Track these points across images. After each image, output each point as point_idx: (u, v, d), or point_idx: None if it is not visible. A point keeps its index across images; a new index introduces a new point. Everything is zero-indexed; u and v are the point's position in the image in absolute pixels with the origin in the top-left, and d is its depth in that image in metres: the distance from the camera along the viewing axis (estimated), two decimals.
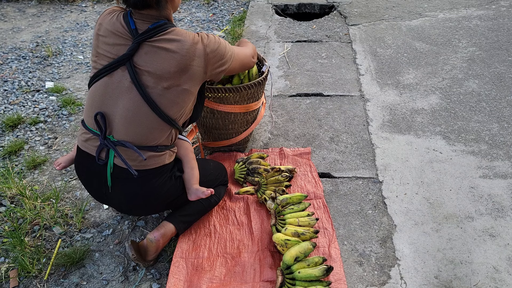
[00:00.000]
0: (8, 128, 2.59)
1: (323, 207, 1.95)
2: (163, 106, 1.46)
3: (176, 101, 1.49)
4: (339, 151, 2.34)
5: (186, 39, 1.45)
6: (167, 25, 1.46)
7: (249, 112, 2.17)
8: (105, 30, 1.47)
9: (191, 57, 1.45)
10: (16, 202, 2.06)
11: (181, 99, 1.50)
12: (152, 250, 1.67)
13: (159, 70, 1.43)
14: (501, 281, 1.63)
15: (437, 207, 1.97)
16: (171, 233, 1.72)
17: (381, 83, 2.95)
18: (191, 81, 1.49)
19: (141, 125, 1.46)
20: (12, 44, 3.73)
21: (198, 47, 1.47)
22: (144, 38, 1.42)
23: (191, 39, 1.46)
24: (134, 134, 1.46)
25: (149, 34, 1.42)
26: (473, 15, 3.91)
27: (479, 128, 2.48)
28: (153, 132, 1.49)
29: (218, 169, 1.91)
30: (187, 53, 1.44)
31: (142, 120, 1.46)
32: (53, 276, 1.70)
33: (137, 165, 1.50)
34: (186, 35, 1.46)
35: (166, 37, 1.43)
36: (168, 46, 1.43)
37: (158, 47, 1.42)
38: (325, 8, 4.22)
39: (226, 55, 1.58)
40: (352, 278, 1.66)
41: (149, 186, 1.56)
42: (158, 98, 1.45)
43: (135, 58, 1.43)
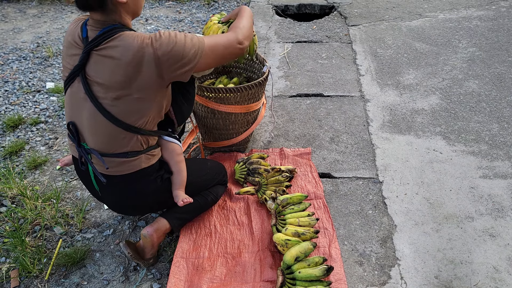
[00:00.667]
0: (9, 128, 2.60)
1: (324, 207, 1.96)
2: (119, 115, 1.39)
3: (132, 110, 1.39)
4: (339, 151, 2.34)
5: (132, 44, 1.31)
6: (116, 29, 1.34)
7: (250, 113, 2.17)
8: (66, 41, 1.43)
9: (139, 63, 1.32)
10: (17, 202, 2.06)
11: (138, 108, 1.40)
12: (148, 246, 1.68)
13: (107, 81, 1.34)
14: (501, 281, 1.63)
15: (437, 207, 1.97)
16: (165, 228, 1.70)
17: (381, 83, 2.96)
18: (144, 89, 1.37)
19: (102, 134, 1.43)
20: (12, 44, 3.74)
21: (146, 51, 1.31)
22: (92, 46, 1.33)
23: (137, 44, 1.31)
24: (99, 143, 1.45)
25: (96, 42, 1.33)
26: (473, 16, 3.92)
27: (479, 129, 2.48)
28: (116, 140, 1.44)
29: (215, 169, 1.90)
30: (133, 59, 1.31)
31: (102, 130, 1.42)
32: (54, 276, 1.71)
33: (114, 171, 1.51)
34: (132, 39, 1.32)
35: (112, 43, 1.32)
36: (113, 54, 1.32)
37: (104, 55, 1.33)
38: (325, 9, 4.22)
39: (187, 54, 1.38)
40: (352, 278, 1.66)
41: (131, 190, 1.57)
42: (112, 109, 1.37)
43: (87, 68, 1.36)
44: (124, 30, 1.35)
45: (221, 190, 1.95)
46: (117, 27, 1.35)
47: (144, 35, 1.34)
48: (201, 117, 2.17)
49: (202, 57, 1.42)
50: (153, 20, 4.19)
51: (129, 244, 1.65)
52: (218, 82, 2.42)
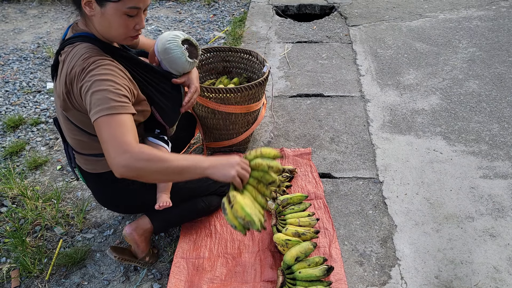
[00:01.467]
0: (10, 128, 2.60)
1: (324, 207, 1.96)
2: (77, 122, 1.35)
3: (84, 121, 1.33)
4: (339, 151, 2.34)
5: (71, 61, 1.24)
6: (80, 38, 1.28)
7: (250, 113, 2.17)
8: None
9: (72, 79, 1.24)
10: (18, 202, 2.06)
11: (83, 123, 1.34)
12: (133, 245, 1.68)
13: (57, 88, 1.31)
14: (502, 281, 1.63)
15: (437, 207, 1.97)
16: (146, 227, 1.67)
17: (381, 83, 2.96)
18: (79, 106, 1.29)
19: (71, 136, 1.43)
20: (13, 45, 3.74)
21: (78, 72, 1.22)
22: (60, 48, 1.31)
23: (81, 61, 1.22)
24: (72, 141, 1.46)
25: (62, 45, 1.31)
26: (474, 16, 3.92)
27: (479, 129, 2.48)
28: (85, 143, 1.42)
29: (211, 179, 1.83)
30: (70, 73, 1.24)
31: (70, 132, 1.42)
32: (54, 276, 1.71)
33: (90, 169, 1.53)
34: (76, 57, 1.23)
35: (66, 52, 1.28)
36: (63, 63, 1.27)
37: (61, 60, 1.29)
38: (325, 9, 4.23)
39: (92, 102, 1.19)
40: (352, 278, 1.66)
41: (108, 190, 1.58)
42: (68, 115, 1.34)
43: (58, 69, 1.32)
44: (86, 42, 1.27)
45: (215, 200, 1.85)
46: (84, 36, 1.29)
47: (91, 56, 1.22)
48: (201, 117, 2.17)
49: (103, 121, 1.17)
50: (153, 21, 4.19)
51: (116, 248, 1.65)
52: (219, 82, 2.43)
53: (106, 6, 1.21)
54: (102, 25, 1.26)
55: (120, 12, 1.22)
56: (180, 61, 1.54)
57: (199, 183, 1.77)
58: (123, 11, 1.22)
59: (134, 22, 1.27)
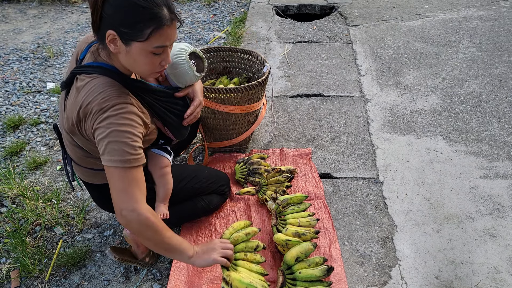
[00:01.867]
0: (10, 129, 2.60)
1: (324, 208, 1.96)
2: (80, 144, 1.36)
3: (88, 147, 1.36)
4: (339, 151, 2.34)
5: (91, 94, 1.22)
6: (96, 69, 1.26)
7: (250, 113, 2.17)
8: (75, 51, 1.42)
9: (86, 113, 1.23)
10: (18, 202, 2.06)
11: (93, 148, 1.33)
12: (133, 246, 1.68)
13: (68, 111, 1.30)
14: (502, 281, 1.63)
15: (437, 207, 1.97)
16: None
17: (381, 83, 2.96)
18: (86, 138, 1.31)
19: (73, 152, 1.44)
20: (13, 45, 3.74)
21: (95, 110, 1.21)
22: (77, 71, 1.29)
23: (99, 98, 1.21)
24: (72, 154, 1.47)
25: (80, 70, 1.28)
26: (474, 16, 3.92)
27: (479, 129, 2.48)
28: (86, 160, 1.44)
29: (212, 178, 1.83)
30: (85, 107, 1.23)
31: (72, 149, 1.43)
32: (54, 277, 1.71)
33: (88, 179, 1.54)
34: (96, 91, 1.22)
35: (84, 81, 1.26)
36: (79, 90, 1.26)
37: (77, 87, 1.27)
38: (325, 9, 4.23)
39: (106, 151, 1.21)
40: (352, 278, 1.66)
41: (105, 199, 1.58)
42: (73, 136, 1.35)
43: (71, 89, 1.31)
44: (106, 76, 1.25)
45: (215, 199, 1.86)
46: (104, 68, 1.26)
47: (111, 96, 1.21)
48: (202, 117, 2.17)
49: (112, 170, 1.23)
50: None
51: (116, 249, 1.65)
52: (219, 82, 2.43)
53: (132, 45, 1.19)
54: (127, 62, 1.25)
55: (146, 51, 1.21)
56: (187, 76, 1.55)
57: (199, 184, 1.77)
58: (149, 50, 1.21)
59: (160, 59, 1.26)
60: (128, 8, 1.15)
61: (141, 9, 1.15)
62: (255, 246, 1.62)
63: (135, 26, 1.16)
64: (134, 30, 1.17)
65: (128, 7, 1.15)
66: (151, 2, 1.16)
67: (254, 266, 1.56)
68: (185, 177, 1.74)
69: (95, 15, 1.17)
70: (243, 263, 1.54)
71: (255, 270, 1.55)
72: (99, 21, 1.18)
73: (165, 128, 1.53)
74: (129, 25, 1.16)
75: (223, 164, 2.25)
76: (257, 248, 1.63)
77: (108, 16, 1.16)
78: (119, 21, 1.16)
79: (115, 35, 1.18)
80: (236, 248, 1.60)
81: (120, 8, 1.15)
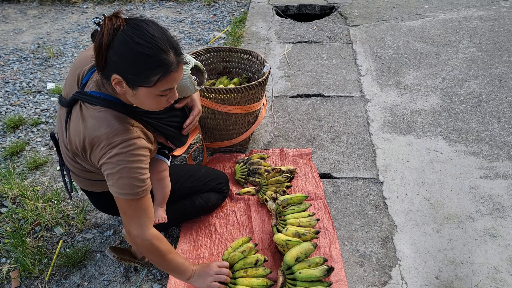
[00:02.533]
0: (10, 129, 2.60)
1: (324, 208, 1.96)
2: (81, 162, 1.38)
3: (89, 169, 1.39)
4: (339, 151, 2.34)
5: (97, 129, 1.23)
6: (102, 102, 1.25)
7: (250, 113, 2.17)
8: (74, 66, 1.39)
9: (92, 145, 1.25)
10: (18, 203, 2.06)
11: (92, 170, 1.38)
12: (133, 245, 1.69)
13: (71, 136, 1.30)
14: (502, 282, 1.63)
15: (437, 207, 1.97)
16: None
17: (381, 83, 2.96)
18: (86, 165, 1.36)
19: (71, 163, 1.44)
20: (13, 45, 3.74)
21: (97, 149, 1.24)
22: (80, 98, 1.27)
23: (107, 131, 1.22)
24: (69, 166, 1.47)
25: (84, 98, 1.26)
26: (474, 16, 3.92)
27: (479, 129, 2.48)
28: (84, 172, 1.44)
29: (209, 176, 1.84)
30: (88, 142, 1.24)
31: (71, 163, 1.44)
32: (54, 277, 1.71)
33: (85, 187, 1.56)
34: (102, 127, 1.22)
35: (90, 111, 1.25)
36: (84, 119, 1.25)
37: (83, 115, 1.26)
38: (325, 9, 4.23)
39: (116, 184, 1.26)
40: (353, 278, 1.66)
41: (103, 205, 1.64)
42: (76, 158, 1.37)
43: (73, 110, 1.31)
44: (112, 108, 1.25)
45: (213, 196, 1.86)
46: (109, 101, 1.25)
47: (120, 131, 1.22)
48: (202, 117, 2.17)
49: (121, 201, 1.29)
50: None
51: (115, 248, 1.66)
52: (219, 82, 2.43)
53: (139, 89, 1.18)
54: (134, 101, 1.26)
55: (153, 95, 1.21)
56: (188, 90, 1.56)
57: (195, 182, 1.79)
58: (157, 93, 1.21)
59: (166, 98, 1.26)
60: (133, 57, 1.12)
61: (147, 58, 1.12)
62: (255, 261, 1.62)
63: (141, 74, 1.14)
64: (140, 77, 1.15)
65: (133, 56, 1.12)
66: (157, 49, 1.13)
67: (255, 280, 1.57)
68: (182, 176, 1.75)
69: (99, 58, 1.14)
70: (242, 281, 1.57)
71: (256, 284, 1.56)
72: (104, 63, 1.15)
73: (167, 141, 1.54)
74: (135, 73, 1.14)
75: (223, 164, 2.25)
76: (257, 263, 1.62)
77: (113, 62, 1.14)
78: (124, 68, 1.14)
79: (121, 79, 1.16)
80: (235, 267, 1.62)
81: (124, 56, 1.13)
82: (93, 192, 1.58)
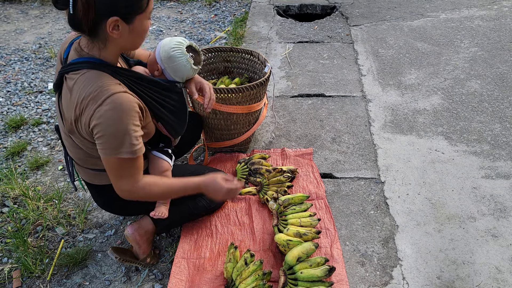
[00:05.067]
0: (11, 129, 2.60)
1: (325, 208, 1.95)
2: (80, 144, 1.36)
3: (87, 146, 1.35)
4: (341, 151, 2.34)
5: (84, 89, 1.22)
6: (87, 64, 1.25)
7: (251, 113, 2.17)
8: (59, 52, 1.41)
9: (82, 109, 1.23)
10: (19, 202, 2.07)
11: (91, 146, 1.33)
12: (135, 246, 1.68)
13: (64, 112, 1.31)
14: (504, 282, 1.63)
15: (439, 207, 1.97)
16: (148, 228, 1.68)
17: (383, 83, 2.95)
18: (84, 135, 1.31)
19: (74, 152, 1.44)
20: (15, 45, 3.75)
21: (87, 108, 1.22)
22: (64, 71, 1.29)
23: (88, 92, 1.21)
24: (73, 155, 1.47)
25: (67, 69, 1.27)
26: (475, 16, 3.91)
27: (481, 129, 2.47)
28: (87, 160, 1.44)
29: None
30: (77, 105, 1.23)
31: (73, 149, 1.43)
32: (56, 277, 1.71)
33: (89, 179, 1.55)
34: (89, 84, 1.22)
35: (74, 78, 1.25)
36: (71, 88, 1.26)
37: (68, 86, 1.27)
38: (326, 9, 4.22)
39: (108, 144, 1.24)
40: (354, 278, 1.66)
41: (105, 199, 1.62)
42: (72, 136, 1.35)
43: (62, 89, 1.31)
44: (96, 69, 1.25)
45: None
46: (91, 62, 1.26)
47: (105, 86, 1.22)
48: (203, 117, 2.17)
49: (114, 160, 1.27)
50: (154, 21, 4.19)
51: (117, 249, 1.65)
52: (220, 82, 2.43)
53: (135, 20, 1.24)
54: (130, 41, 1.28)
55: (145, 19, 1.27)
56: (185, 69, 1.55)
57: None
58: (147, 16, 1.27)
59: (149, 23, 1.33)
60: None
61: None
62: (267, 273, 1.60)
63: (134, 1, 1.21)
64: (134, 5, 1.21)
65: None
66: None
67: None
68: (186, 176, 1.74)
69: (89, 14, 1.17)
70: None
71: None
72: (94, 15, 1.18)
73: (159, 123, 1.50)
74: (128, 3, 1.20)
75: (224, 164, 2.25)
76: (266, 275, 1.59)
77: (104, 6, 1.17)
78: (117, 5, 1.18)
79: (118, 19, 1.20)
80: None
81: None
82: (97, 186, 1.56)
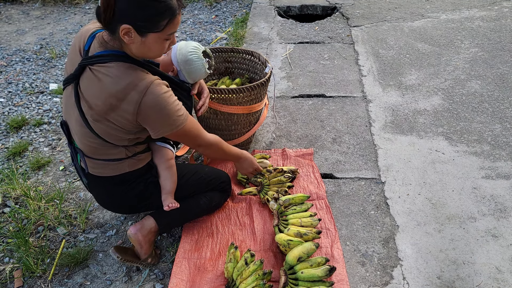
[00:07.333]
0: (13, 129, 2.61)
1: (326, 208, 1.96)
2: (101, 134, 1.40)
3: (112, 134, 1.40)
4: (341, 152, 2.34)
5: (123, 78, 1.29)
6: (117, 57, 1.31)
7: (252, 113, 2.17)
8: (73, 44, 1.44)
9: (120, 99, 1.30)
10: (21, 203, 2.07)
11: (118, 133, 1.40)
12: (137, 246, 1.68)
13: (90, 100, 1.34)
14: (504, 282, 1.63)
15: (439, 207, 1.97)
16: (151, 227, 1.69)
17: (383, 84, 2.96)
18: (120, 122, 1.36)
19: (86, 142, 1.45)
20: (16, 46, 3.76)
21: (132, 94, 1.30)
22: (88, 62, 1.33)
23: (128, 82, 1.29)
24: (84, 146, 1.48)
25: (92, 61, 1.32)
26: (476, 16, 3.91)
27: (481, 129, 2.48)
28: (100, 150, 1.46)
29: (212, 174, 1.85)
30: (117, 93, 1.30)
31: (86, 139, 1.44)
32: (57, 276, 1.71)
33: (97, 172, 1.55)
34: (126, 74, 1.30)
35: (105, 69, 1.30)
36: (102, 78, 1.31)
37: (95, 75, 1.32)
38: (327, 10, 4.23)
39: (165, 125, 1.39)
40: (354, 278, 1.66)
41: (113, 192, 1.62)
42: (93, 125, 1.38)
43: (80, 80, 1.36)
44: (124, 61, 1.32)
45: (216, 196, 1.88)
46: (119, 55, 1.32)
47: (141, 78, 1.30)
48: (204, 117, 2.17)
49: (174, 134, 1.45)
50: None
51: (119, 248, 1.66)
52: (221, 83, 2.43)
53: (148, 36, 1.27)
54: (141, 50, 1.32)
55: (161, 39, 1.30)
56: (200, 72, 1.69)
57: (200, 179, 1.79)
58: (164, 38, 1.30)
59: (169, 42, 1.36)
60: (142, 3, 1.21)
61: (155, 3, 1.22)
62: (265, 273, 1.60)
63: (151, 19, 1.23)
64: (150, 23, 1.24)
65: (142, 2, 1.21)
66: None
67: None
68: (186, 173, 1.76)
69: (108, 11, 1.20)
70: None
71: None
72: (112, 15, 1.21)
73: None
74: (145, 19, 1.22)
75: (225, 164, 2.26)
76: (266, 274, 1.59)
77: (122, 11, 1.20)
78: (134, 16, 1.21)
79: (130, 28, 1.22)
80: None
81: (134, 4, 1.20)
82: (104, 178, 1.55)
